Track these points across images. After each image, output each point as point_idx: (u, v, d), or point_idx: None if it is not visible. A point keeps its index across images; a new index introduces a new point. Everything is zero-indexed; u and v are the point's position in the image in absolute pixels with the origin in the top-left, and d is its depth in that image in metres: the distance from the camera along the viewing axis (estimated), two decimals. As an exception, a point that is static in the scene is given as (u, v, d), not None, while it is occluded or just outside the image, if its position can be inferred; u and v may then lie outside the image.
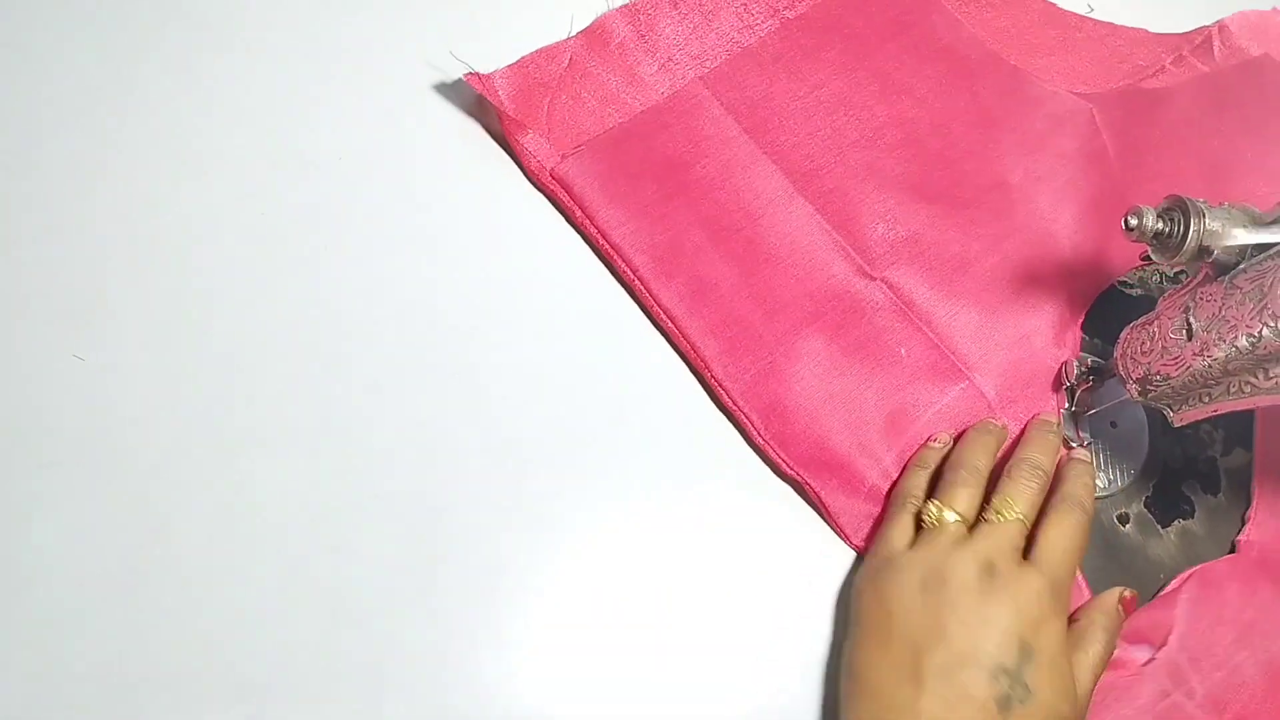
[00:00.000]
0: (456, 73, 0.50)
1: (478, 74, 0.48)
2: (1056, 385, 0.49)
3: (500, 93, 0.48)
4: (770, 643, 0.43)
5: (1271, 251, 0.37)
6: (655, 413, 0.47)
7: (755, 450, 0.46)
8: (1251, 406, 0.39)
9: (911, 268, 0.50)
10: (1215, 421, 0.52)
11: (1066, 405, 0.49)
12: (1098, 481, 0.49)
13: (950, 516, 0.41)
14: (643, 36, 0.52)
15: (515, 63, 0.50)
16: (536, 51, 0.50)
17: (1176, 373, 0.41)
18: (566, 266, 0.48)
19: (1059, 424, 0.48)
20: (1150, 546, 0.48)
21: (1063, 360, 0.49)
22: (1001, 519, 0.41)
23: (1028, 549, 0.41)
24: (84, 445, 0.41)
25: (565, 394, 0.46)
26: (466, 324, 0.46)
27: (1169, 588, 0.47)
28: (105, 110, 0.47)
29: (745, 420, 0.45)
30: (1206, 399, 0.41)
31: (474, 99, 0.50)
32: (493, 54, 0.50)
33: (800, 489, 0.46)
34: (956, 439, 0.47)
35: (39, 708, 0.38)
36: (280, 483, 0.42)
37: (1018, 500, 0.42)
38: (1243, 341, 0.37)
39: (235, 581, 0.41)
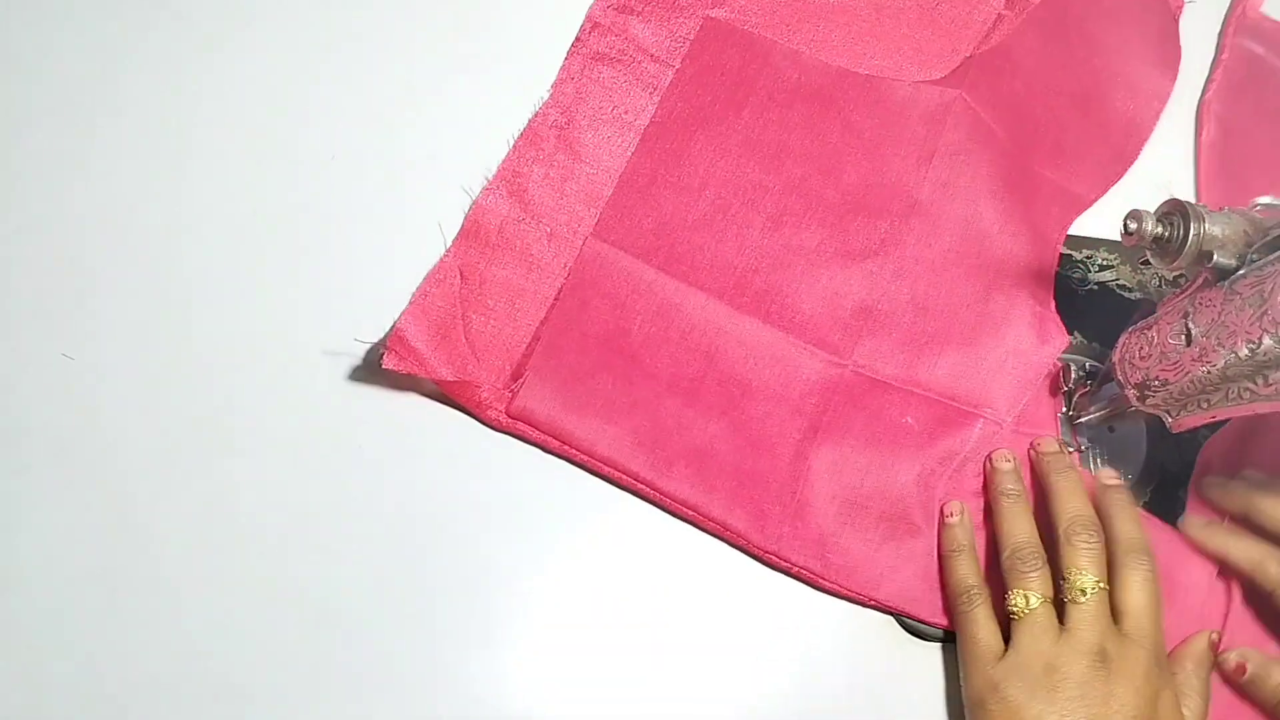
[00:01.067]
0: (360, 350, 0.47)
1: (393, 350, 0.44)
2: (1054, 389, 0.50)
3: (414, 343, 0.45)
4: (769, 643, 0.45)
5: (1272, 257, 0.37)
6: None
7: (827, 593, 0.46)
8: (1250, 413, 0.40)
9: (873, 340, 0.49)
10: (1214, 426, 0.51)
11: (1064, 409, 0.50)
12: None
13: (1035, 601, 0.42)
14: (521, 213, 0.49)
15: (413, 303, 0.46)
16: (426, 279, 0.47)
17: (1175, 378, 0.41)
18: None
19: (1060, 443, 0.48)
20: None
21: (1056, 352, 0.50)
22: (1085, 596, 0.42)
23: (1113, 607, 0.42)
24: (70, 445, 0.42)
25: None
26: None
27: None
28: (94, 109, 0.48)
29: (805, 573, 0.45)
30: (1205, 405, 0.41)
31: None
32: (381, 300, 0.47)
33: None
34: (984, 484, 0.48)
35: (18, 710, 0.39)
36: (267, 484, 0.43)
37: (1088, 568, 0.42)
38: (1243, 349, 0.38)
39: (221, 583, 0.41)
